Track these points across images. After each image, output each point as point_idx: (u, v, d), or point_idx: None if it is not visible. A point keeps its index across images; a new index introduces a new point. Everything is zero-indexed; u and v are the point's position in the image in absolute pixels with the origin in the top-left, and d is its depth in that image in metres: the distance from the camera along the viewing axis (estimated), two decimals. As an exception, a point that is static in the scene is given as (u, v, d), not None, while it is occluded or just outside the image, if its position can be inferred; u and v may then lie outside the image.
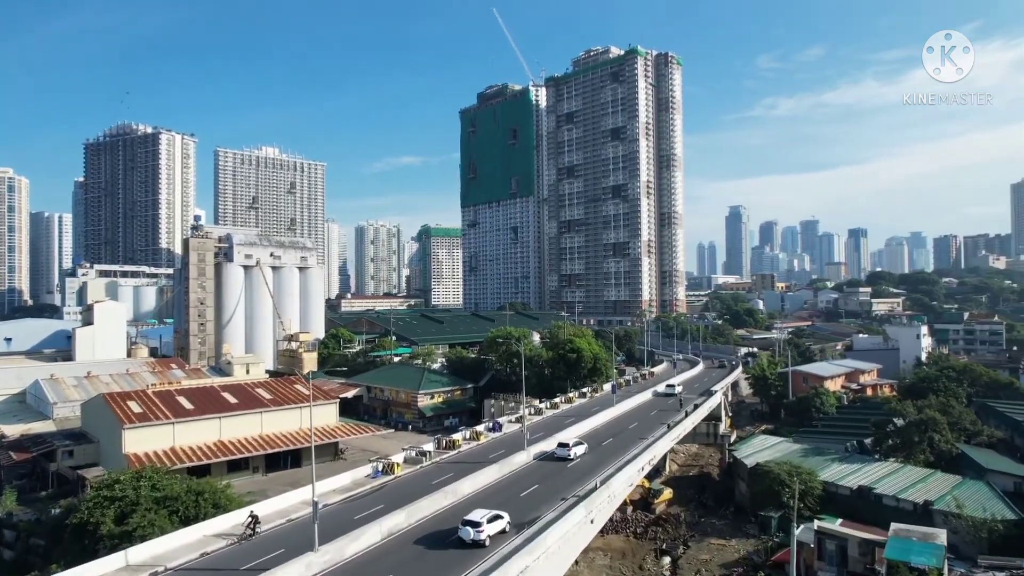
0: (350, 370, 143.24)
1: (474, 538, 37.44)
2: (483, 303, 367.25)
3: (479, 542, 37.23)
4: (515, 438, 59.17)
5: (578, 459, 54.76)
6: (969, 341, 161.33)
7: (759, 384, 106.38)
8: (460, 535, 37.88)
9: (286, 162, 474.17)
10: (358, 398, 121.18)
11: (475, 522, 38.02)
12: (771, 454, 72.31)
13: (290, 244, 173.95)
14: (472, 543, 37.21)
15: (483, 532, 37.60)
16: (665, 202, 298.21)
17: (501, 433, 64.32)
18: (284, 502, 42.96)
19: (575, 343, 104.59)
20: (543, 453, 56.19)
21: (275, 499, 44.05)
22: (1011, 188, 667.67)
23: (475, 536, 37.46)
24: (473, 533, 37.54)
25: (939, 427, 67.27)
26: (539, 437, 59.47)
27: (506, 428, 65.87)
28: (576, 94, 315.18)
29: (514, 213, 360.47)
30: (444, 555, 36.21)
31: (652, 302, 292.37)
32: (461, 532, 37.98)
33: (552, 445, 56.62)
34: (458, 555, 35.93)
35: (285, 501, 43.06)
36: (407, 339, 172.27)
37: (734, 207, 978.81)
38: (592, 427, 67.44)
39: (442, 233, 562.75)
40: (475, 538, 37.42)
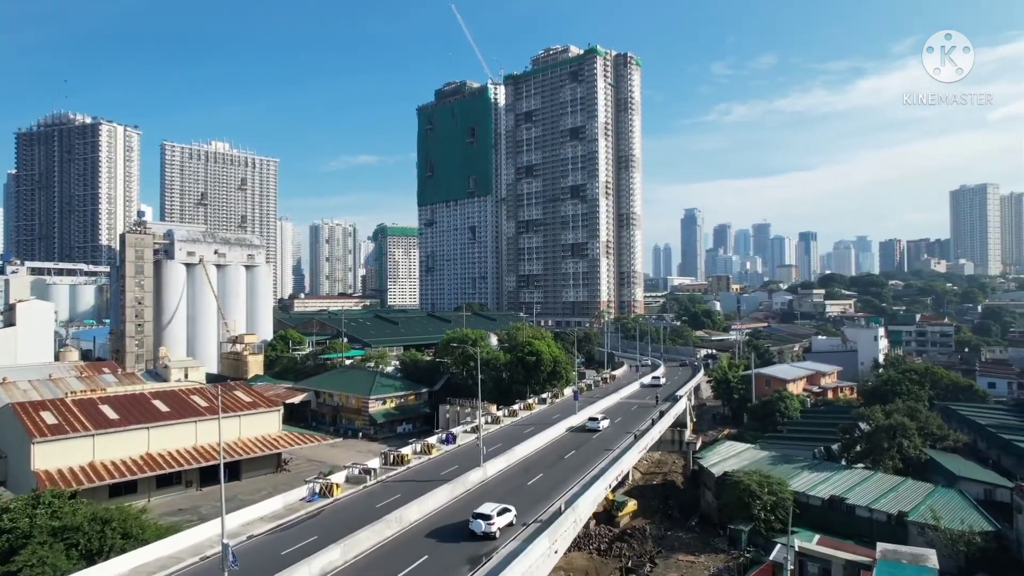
0: (299, 374, 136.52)
1: (485, 531, 38.08)
2: (440, 304, 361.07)
3: (490, 535, 37.80)
4: (470, 452, 54.53)
5: (540, 476, 50.62)
6: (921, 343, 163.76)
7: (721, 387, 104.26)
8: (471, 528, 38.41)
9: (237, 157, 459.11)
10: (306, 404, 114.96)
11: (486, 515, 38.66)
12: (738, 462, 69.57)
13: (236, 241, 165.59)
14: (483, 535, 37.76)
15: (494, 525, 38.26)
16: (624, 203, 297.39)
17: (455, 446, 59.45)
18: (201, 534, 37.20)
19: (534, 345, 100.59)
20: (501, 471, 51.65)
21: (191, 531, 38.20)
22: (950, 195, 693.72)
23: (486, 529, 38.10)
24: (484, 526, 38.19)
25: (908, 432, 65.44)
26: (497, 450, 55.02)
27: (461, 439, 61.02)
28: (535, 93, 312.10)
29: (472, 212, 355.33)
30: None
31: (610, 303, 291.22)
32: (472, 525, 38.58)
33: (511, 460, 52.22)
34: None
35: (202, 533, 37.30)
36: (360, 341, 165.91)
37: (689, 210, 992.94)
38: (553, 437, 63.22)
39: (399, 232, 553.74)
40: (486, 531, 38.05)
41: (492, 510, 39.33)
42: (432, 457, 55.21)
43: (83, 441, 65.36)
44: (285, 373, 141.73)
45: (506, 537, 37.95)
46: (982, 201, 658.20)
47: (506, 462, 51.64)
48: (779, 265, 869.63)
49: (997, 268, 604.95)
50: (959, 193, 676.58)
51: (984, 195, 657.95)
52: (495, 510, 39.41)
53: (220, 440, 40.46)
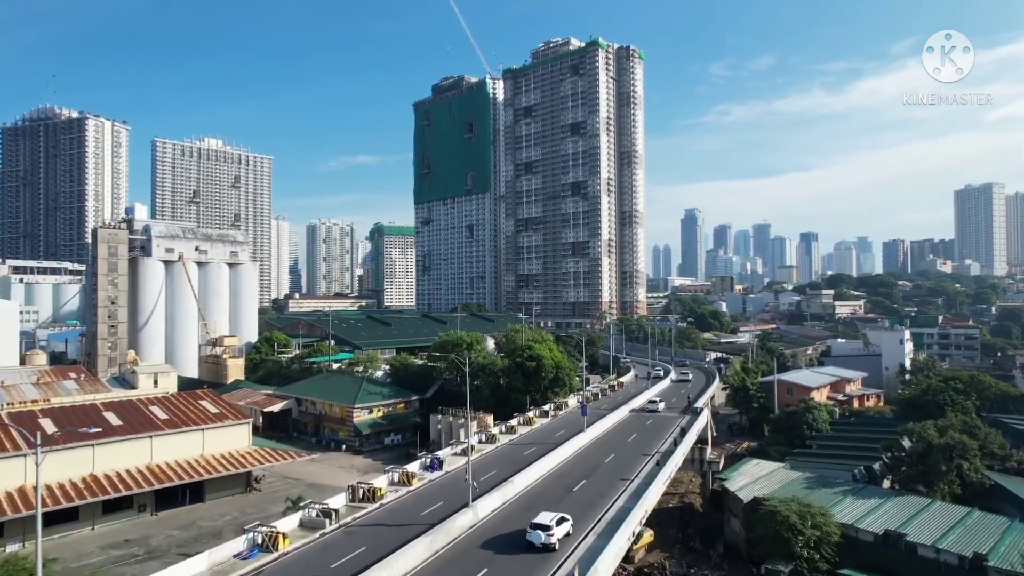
0: (284, 378, 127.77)
1: (544, 542, 36.52)
2: (437, 304, 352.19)
3: (549, 546, 36.18)
4: (458, 483, 45.40)
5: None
6: (944, 346, 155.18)
7: (739, 395, 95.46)
8: (530, 539, 36.68)
9: (230, 155, 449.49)
10: (287, 412, 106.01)
11: (544, 525, 37.08)
12: (768, 485, 60.73)
13: (219, 237, 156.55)
14: (543, 547, 35.98)
15: (553, 536, 36.75)
16: (626, 200, 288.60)
17: (441, 473, 50.37)
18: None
19: (534, 350, 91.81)
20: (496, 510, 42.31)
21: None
22: (954, 195, 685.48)
23: (545, 540, 36.51)
24: (544, 537, 36.60)
25: (969, 453, 56.56)
26: (491, 481, 46.08)
27: (448, 463, 51.91)
28: (535, 87, 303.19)
29: (470, 210, 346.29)
30: None
31: (612, 304, 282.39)
32: (530, 536, 36.87)
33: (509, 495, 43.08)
34: None
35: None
36: (349, 343, 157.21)
37: (690, 210, 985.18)
38: (559, 460, 54.06)
39: (395, 232, 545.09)
40: (545, 542, 36.49)
41: (551, 519, 37.57)
42: (412, 489, 46.05)
43: (13, 462, 56.44)
44: (269, 378, 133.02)
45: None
46: (988, 201, 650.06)
47: (502, 498, 42.49)
48: (780, 266, 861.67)
49: (1003, 269, 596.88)
50: (964, 193, 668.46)
51: (990, 195, 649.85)
52: (553, 519, 37.69)
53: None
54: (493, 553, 35.41)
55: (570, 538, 37.52)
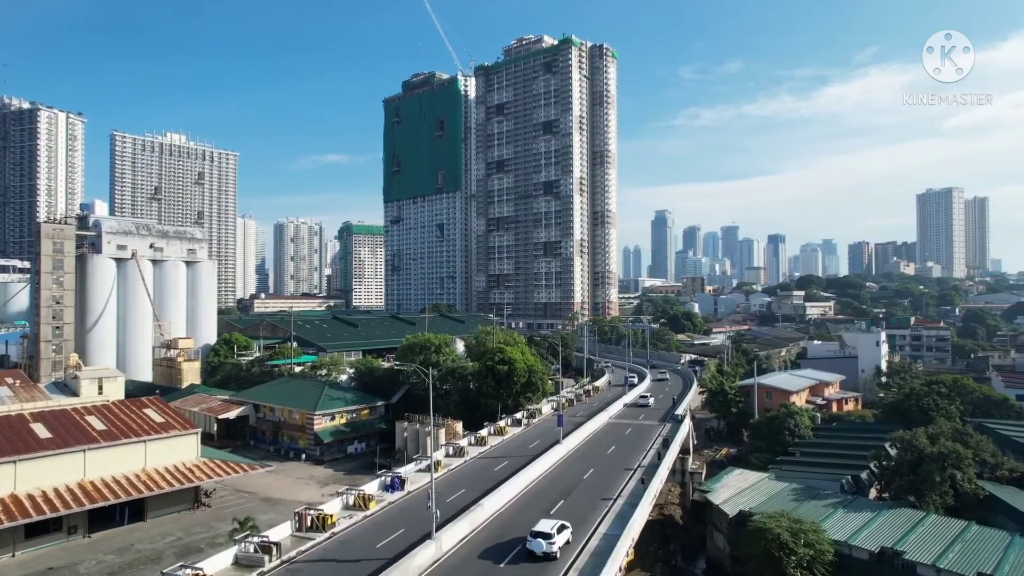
0: (244, 382, 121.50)
1: (546, 551, 35.77)
2: (406, 304, 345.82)
3: (551, 555, 35.52)
4: (421, 505, 40.02)
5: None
6: (916, 347, 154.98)
7: (717, 399, 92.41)
8: (531, 547, 35.92)
9: (194, 150, 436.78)
10: (244, 418, 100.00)
11: (546, 533, 36.35)
12: (753, 497, 57.41)
13: (175, 234, 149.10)
14: (544, 556, 35.31)
15: (554, 544, 36.02)
16: (599, 200, 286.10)
17: (403, 494, 45.41)
18: None
19: (506, 353, 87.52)
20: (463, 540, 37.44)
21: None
22: (917, 199, 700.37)
23: (547, 549, 35.79)
24: (545, 545, 35.89)
25: (963, 462, 53.85)
26: (459, 503, 41.51)
27: (411, 481, 47.02)
28: (507, 84, 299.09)
29: (440, 209, 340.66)
30: None
31: (584, 304, 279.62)
32: (531, 544, 36.10)
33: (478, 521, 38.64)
34: None
35: None
36: (314, 345, 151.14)
37: (660, 211, 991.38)
38: (534, 477, 49.47)
39: (364, 231, 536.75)
40: (547, 551, 35.77)
41: (551, 527, 36.77)
42: (369, 515, 40.98)
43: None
44: (228, 381, 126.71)
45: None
46: (948, 205, 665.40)
47: (470, 525, 37.80)
48: (748, 267, 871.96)
49: (962, 271, 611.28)
50: (925, 197, 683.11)
51: (950, 199, 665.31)
52: (554, 527, 36.87)
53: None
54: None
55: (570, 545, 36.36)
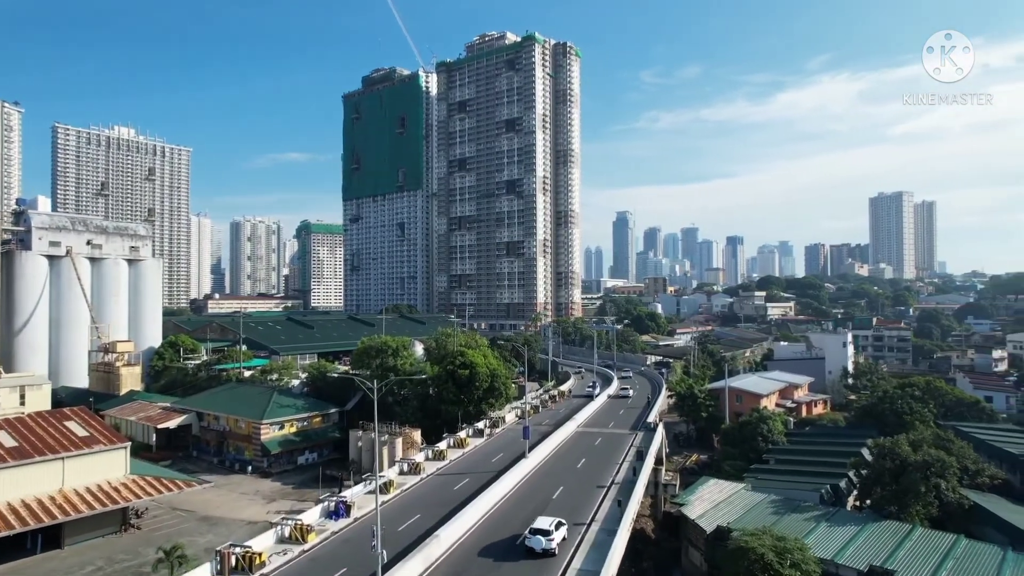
0: (190, 388, 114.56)
1: (545, 547, 36.50)
2: (366, 305, 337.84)
3: (549, 551, 36.22)
4: (367, 538, 33.88)
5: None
6: (878, 348, 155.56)
7: (687, 404, 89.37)
8: (529, 544, 36.74)
9: (143, 145, 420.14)
10: (186, 428, 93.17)
11: (544, 530, 37.16)
12: (730, 511, 54.05)
13: (116, 230, 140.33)
14: (543, 552, 35.99)
15: (553, 541, 36.78)
16: (562, 200, 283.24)
17: (348, 521, 39.75)
18: None
19: (467, 356, 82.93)
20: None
21: None
22: (869, 202, 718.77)
23: (546, 545, 36.53)
24: (544, 542, 36.64)
25: (948, 471, 51.35)
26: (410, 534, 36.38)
27: (359, 506, 41.34)
28: (470, 81, 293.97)
29: (401, 208, 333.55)
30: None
31: (547, 305, 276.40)
32: (530, 542, 36.89)
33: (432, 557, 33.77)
34: None
35: None
36: (266, 348, 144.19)
37: (621, 213, 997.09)
38: (498, 498, 44.48)
39: (323, 229, 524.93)
40: (546, 547, 36.49)
41: (549, 524, 37.69)
42: (308, 550, 35.39)
43: None
44: (172, 387, 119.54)
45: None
46: (898, 208, 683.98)
47: (424, 563, 32.31)
48: (707, 268, 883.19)
49: (911, 272, 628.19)
50: (877, 200, 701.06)
51: (900, 202, 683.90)
52: (552, 524, 37.79)
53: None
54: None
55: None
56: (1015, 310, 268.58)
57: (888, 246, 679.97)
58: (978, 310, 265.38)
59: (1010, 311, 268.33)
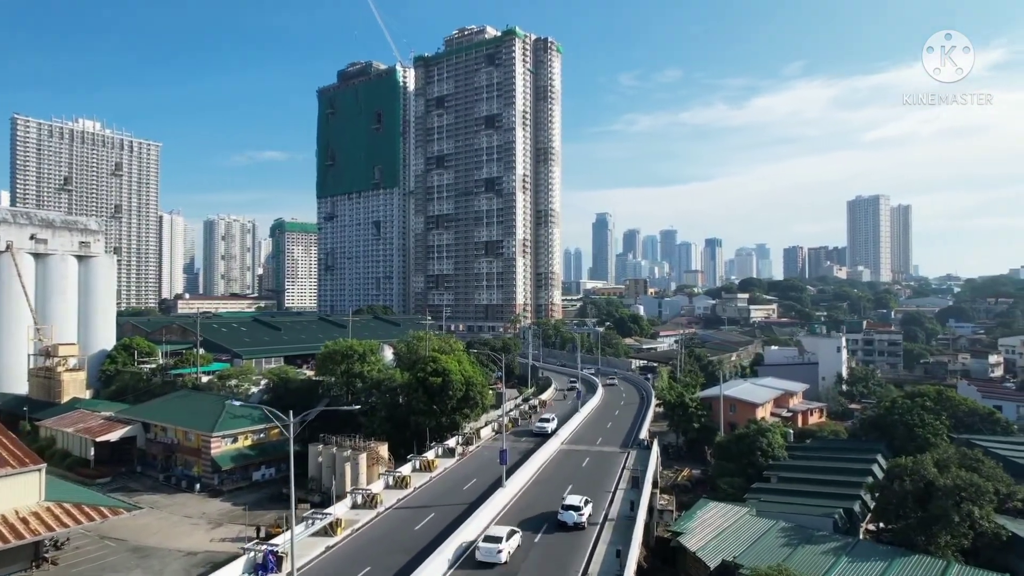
0: (144, 394, 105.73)
1: (576, 521, 41.71)
2: (340, 306, 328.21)
3: (580, 525, 41.35)
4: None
5: None
6: (868, 352, 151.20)
7: (677, 413, 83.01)
8: (562, 519, 41.73)
9: (110, 139, 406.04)
10: (130, 440, 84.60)
11: (576, 506, 42.47)
12: (736, 542, 47.51)
13: (64, 224, 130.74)
14: (574, 526, 40.69)
15: (583, 515, 42.12)
16: (542, 198, 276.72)
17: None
18: None
19: (440, 362, 75.65)
20: None
21: None
22: (847, 205, 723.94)
23: (577, 520, 41.76)
24: (576, 516, 41.84)
25: (983, 497, 45.27)
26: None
27: (300, 551, 32.96)
28: (448, 76, 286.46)
29: (377, 206, 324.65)
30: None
31: (527, 306, 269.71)
32: (563, 516, 41.97)
33: None
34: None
35: None
36: (228, 351, 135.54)
37: (601, 214, 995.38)
38: (467, 542, 36.75)
39: (298, 228, 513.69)
40: (577, 521, 41.70)
41: (580, 500, 42.79)
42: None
43: None
44: (124, 393, 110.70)
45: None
46: (875, 211, 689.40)
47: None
48: (686, 270, 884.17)
49: (888, 275, 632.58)
50: (855, 203, 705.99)
51: (877, 206, 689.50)
52: (582, 500, 42.98)
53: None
54: None
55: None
56: (995, 313, 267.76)
57: (865, 249, 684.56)
58: (959, 313, 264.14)
59: (990, 314, 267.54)
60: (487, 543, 35.60)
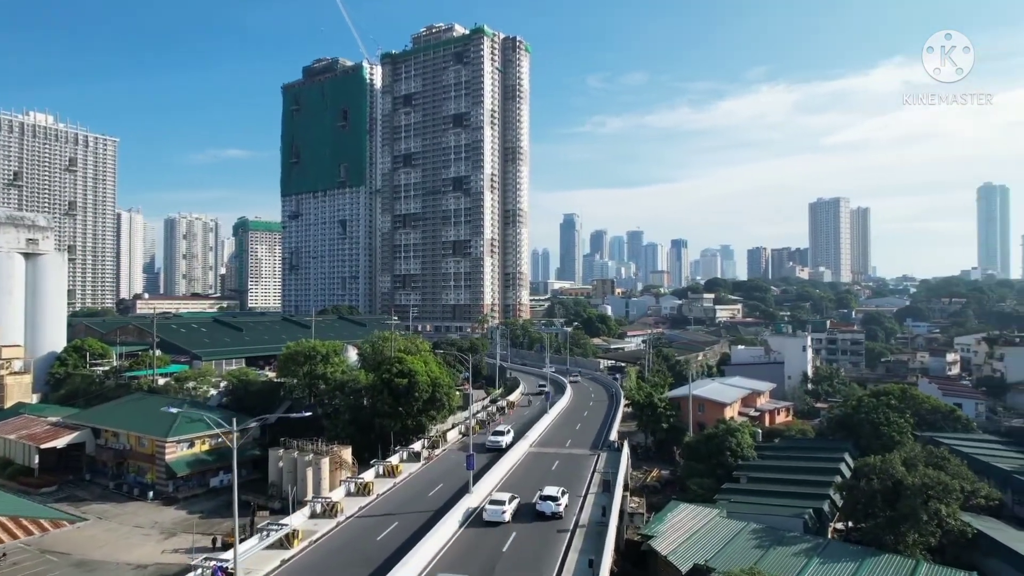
0: (96, 397, 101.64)
1: (554, 511, 43.48)
2: (305, 306, 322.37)
3: (558, 514, 43.09)
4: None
5: None
6: (831, 351, 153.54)
7: (646, 414, 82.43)
8: (540, 509, 43.55)
9: (64, 133, 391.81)
10: (79, 446, 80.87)
11: (553, 496, 44.40)
12: (707, 544, 46.81)
13: (8, 220, 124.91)
14: (552, 516, 42.64)
15: (560, 505, 43.99)
16: (510, 198, 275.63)
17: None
18: None
19: (405, 363, 73.77)
20: None
21: None
22: (809, 207, 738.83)
23: (555, 509, 43.58)
24: (553, 506, 43.67)
25: (949, 495, 45.39)
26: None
27: (256, 565, 31.67)
28: (416, 74, 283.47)
29: (343, 204, 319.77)
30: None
31: (494, 306, 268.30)
32: (540, 507, 43.73)
33: None
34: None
35: None
36: (187, 352, 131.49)
37: (568, 215, 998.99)
38: (433, 553, 34.73)
39: (262, 227, 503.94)
40: (555, 511, 43.51)
41: (557, 491, 45.05)
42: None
43: None
44: (74, 397, 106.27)
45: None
46: (836, 213, 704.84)
47: None
48: (652, 271, 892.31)
49: (848, 276, 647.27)
50: (816, 205, 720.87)
51: (837, 208, 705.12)
52: (558, 491, 45.19)
53: None
54: None
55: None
56: (949, 313, 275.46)
57: (827, 250, 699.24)
58: (915, 313, 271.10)
59: (944, 313, 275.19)
60: (493, 506, 42.45)
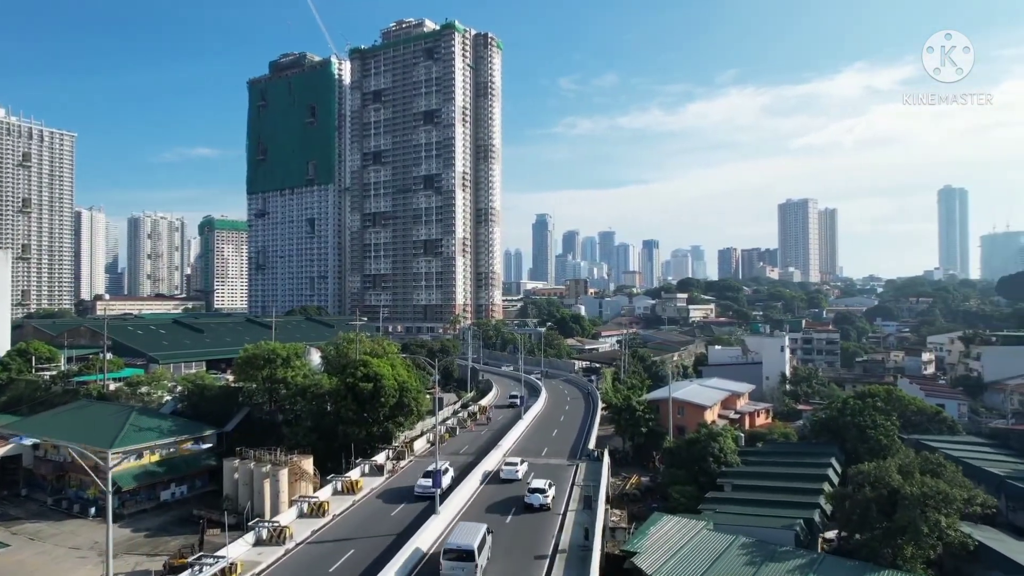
0: (42, 404, 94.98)
1: (542, 503, 44.43)
2: (273, 306, 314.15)
3: (546, 506, 44.16)
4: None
5: None
6: (807, 351, 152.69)
7: (623, 417, 79.22)
8: (528, 501, 44.54)
9: (16, 127, 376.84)
10: (15, 458, 74.92)
11: (541, 489, 45.31)
12: (694, 561, 43.53)
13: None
14: (540, 507, 43.75)
15: (548, 497, 44.98)
16: (482, 197, 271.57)
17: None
18: None
19: (371, 367, 69.42)
20: None
21: None
22: (778, 208, 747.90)
23: (543, 501, 44.53)
24: (541, 498, 44.60)
25: (951, 506, 42.75)
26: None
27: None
28: (385, 70, 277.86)
29: (311, 203, 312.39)
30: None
31: (467, 307, 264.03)
32: (529, 499, 44.70)
33: None
34: None
35: None
36: (144, 355, 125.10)
37: (541, 215, 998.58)
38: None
39: (228, 226, 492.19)
40: (543, 503, 44.47)
41: (544, 484, 46.20)
42: None
43: None
44: (18, 403, 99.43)
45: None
46: (804, 214, 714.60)
47: None
48: (624, 271, 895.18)
49: (816, 276, 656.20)
50: (786, 206, 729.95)
51: (806, 209, 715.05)
52: (546, 483, 46.36)
53: None
54: None
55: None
56: (916, 312, 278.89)
57: (796, 250, 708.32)
58: (884, 312, 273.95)
59: (912, 313, 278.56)
60: (508, 466, 50.83)
